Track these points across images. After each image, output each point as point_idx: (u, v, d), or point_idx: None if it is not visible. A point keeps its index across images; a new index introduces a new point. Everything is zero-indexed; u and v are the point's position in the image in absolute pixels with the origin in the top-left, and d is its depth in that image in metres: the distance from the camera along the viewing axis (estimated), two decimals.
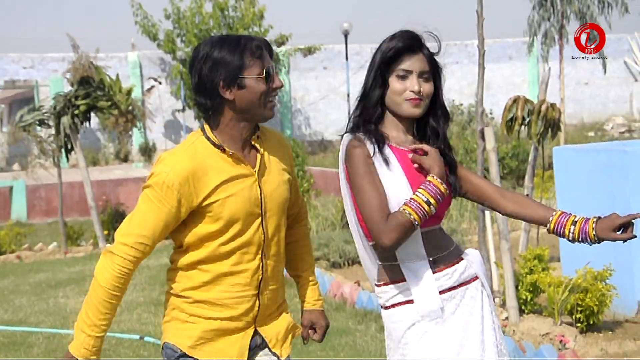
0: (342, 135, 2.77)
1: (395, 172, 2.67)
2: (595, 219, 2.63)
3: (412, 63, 2.69)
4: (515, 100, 7.19)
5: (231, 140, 2.70)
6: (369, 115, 2.73)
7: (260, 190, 2.72)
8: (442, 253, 2.73)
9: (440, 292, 2.69)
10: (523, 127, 7.22)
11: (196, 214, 2.67)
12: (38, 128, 12.28)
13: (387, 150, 2.70)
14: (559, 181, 7.20)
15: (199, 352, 2.71)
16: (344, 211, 2.85)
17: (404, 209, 2.56)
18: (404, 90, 2.68)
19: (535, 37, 20.85)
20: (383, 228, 2.57)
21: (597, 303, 5.71)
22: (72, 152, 11.53)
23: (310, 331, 3.03)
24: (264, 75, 2.65)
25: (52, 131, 11.59)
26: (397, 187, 2.65)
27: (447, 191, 2.65)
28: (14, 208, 16.38)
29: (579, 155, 7.22)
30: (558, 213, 2.69)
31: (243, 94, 2.65)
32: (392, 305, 2.73)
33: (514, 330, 5.84)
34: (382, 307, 2.79)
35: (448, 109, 2.83)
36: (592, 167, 6.70)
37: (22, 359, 6.07)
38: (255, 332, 2.78)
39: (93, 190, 11.64)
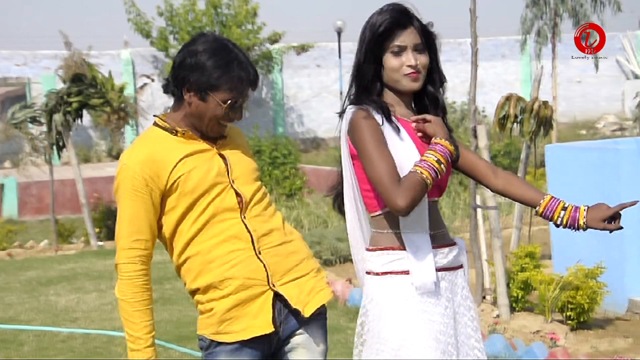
0: (343, 111, 2.73)
1: (406, 141, 2.65)
2: (585, 208, 2.63)
3: (405, 37, 2.67)
4: (508, 98, 7.20)
5: (190, 126, 2.78)
6: (368, 90, 2.72)
7: (225, 160, 2.76)
8: (440, 230, 2.71)
9: (437, 270, 2.65)
10: (516, 124, 7.23)
11: (166, 199, 2.70)
12: (30, 125, 12.23)
13: (395, 120, 2.68)
14: (551, 179, 7.21)
15: (225, 335, 2.71)
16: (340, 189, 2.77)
17: (414, 169, 2.54)
18: (401, 66, 2.66)
19: (528, 36, 20.88)
20: (396, 190, 2.51)
21: (588, 301, 5.72)
22: (64, 150, 11.51)
23: None
24: (227, 106, 2.70)
25: (44, 128, 11.56)
26: (409, 156, 2.62)
27: (456, 151, 2.64)
28: (5, 205, 16.33)
29: (572, 153, 7.23)
30: (548, 197, 2.67)
31: (199, 105, 2.72)
32: (386, 273, 2.65)
33: (505, 328, 5.84)
34: (370, 273, 2.69)
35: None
36: (584, 165, 6.72)
37: (13, 358, 6.04)
38: (276, 296, 2.71)
39: (85, 187, 11.61)
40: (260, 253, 2.71)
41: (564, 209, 2.63)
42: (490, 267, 6.43)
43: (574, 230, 2.65)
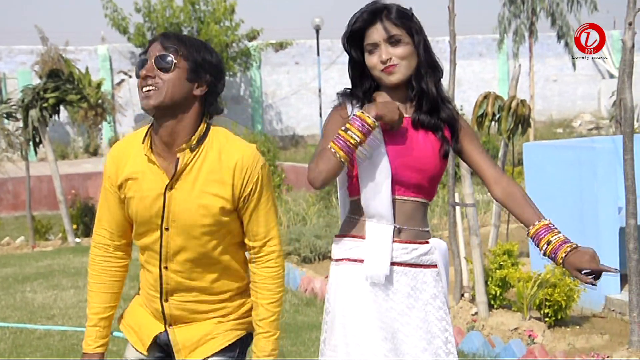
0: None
1: (378, 128, 2.67)
2: (570, 248, 2.54)
3: (373, 34, 2.70)
4: (486, 96, 7.24)
5: (155, 141, 2.64)
6: (355, 87, 2.79)
7: (165, 204, 2.60)
8: (410, 227, 2.72)
9: (394, 264, 2.68)
10: (493, 123, 7.27)
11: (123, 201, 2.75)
12: (5, 121, 12.12)
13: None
14: (528, 177, 7.26)
15: (122, 324, 2.87)
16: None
17: (330, 144, 2.61)
18: (377, 62, 2.71)
19: (505, 34, 20.98)
20: (311, 166, 2.62)
21: (565, 298, 5.76)
22: (41, 146, 11.41)
23: None
24: (137, 66, 2.62)
25: (20, 124, 11.46)
26: (374, 146, 2.67)
27: (375, 123, 2.61)
28: None
29: (549, 151, 7.28)
30: (541, 224, 2.63)
31: None
32: (342, 259, 2.73)
33: (483, 325, 5.88)
34: (332, 261, 2.78)
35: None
36: (561, 163, 6.76)
37: None
38: (165, 331, 2.76)
39: (62, 184, 11.53)
40: (167, 301, 2.72)
41: (548, 242, 2.58)
42: (468, 265, 6.46)
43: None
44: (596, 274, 2.52)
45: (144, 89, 2.55)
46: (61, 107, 11.53)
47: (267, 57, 25.95)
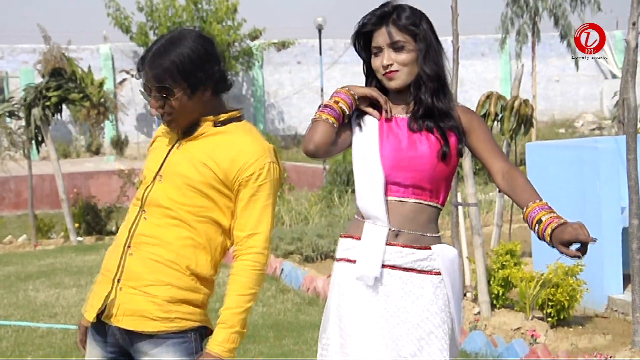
0: None
1: (368, 131, 2.72)
2: (557, 224, 2.48)
3: (379, 38, 2.72)
4: (489, 96, 7.24)
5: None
6: (368, 85, 2.84)
7: (167, 156, 2.75)
8: (409, 230, 2.69)
9: (387, 266, 2.67)
10: (496, 122, 7.27)
11: None
12: (8, 119, 12.13)
13: (371, 113, 2.75)
14: (531, 177, 7.24)
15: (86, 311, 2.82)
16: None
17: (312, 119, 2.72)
18: (379, 66, 2.73)
19: (507, 34, 20.97)
20: (304, 139, 2.71)
21: (567, 298, 5.76)
22: (43, 144, 11.42)
23: None
24: (144, 93, 2.77)
25: (23, 123, 11.47)
26: (364, 143, 2.72)
27: (354, 96, 2.71)
28: None
29: (551, 151, 7.27)
30: (535, 204, 2.58)
31: None
32: (341, 259, 2.77)
33: (485, 325, 5.87)
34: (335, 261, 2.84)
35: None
36: (564, 163, 6.76)
37: None
38: (112, 289, 2.68)
39: (64, 182, 11.53)
40: (129, 247, 2.68)
41: (539, 221, 2.53)
42: (470, 265, 6.46)
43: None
44: (583, 246, 2.46)
45: (162, 116, 2.73)
46: (63, 106, 11.54)
47: (269, 56, 25.96)
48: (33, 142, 11.28)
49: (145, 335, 2.66)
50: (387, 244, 2.68)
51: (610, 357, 5.02)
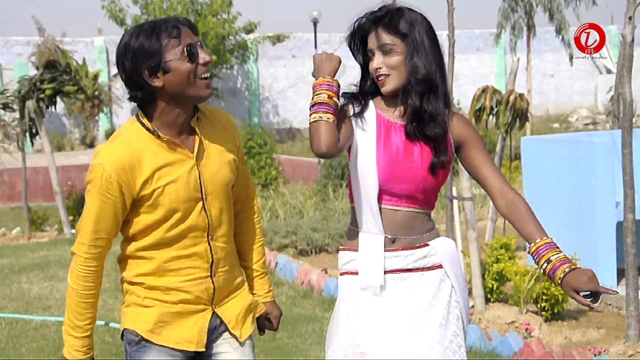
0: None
1: (365, 137, 2.67)
2: (568, 269, 2.50)
3: (370, 41, 2.69)
4: (484, 90, 7.23)
5: (167, 127, 2.64)
6: (362, 87, 2.78)
7: (200, 174, 2.67)
8: (405, 236, 2.69)
9: (390, 272, 2.67)
10: (491, 117, 7.27)
11: (138, 204, 2.64)
12: (2, 112, 12.09)
13: (371, 115, 2.69)
14: (526, 172, 7.26)
15: (157, 336, 2.69)
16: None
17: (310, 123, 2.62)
18: (372, 69, 2.70)
19: (503, 29, 20.97)
20: (310, 139, 2.62)
21: (561, 292, 5.77)
22: (37, 137, 11.39)
23: (265, 322, 3.00)
24: (186, 53, 2.56)
25: (17, 115, 11.43)
26: (364, 147, 2.66)
27: (337, 82, 2.62)
28: None
29: (547, 146, 7.28)
30: (543, 242, 2.58)
31: (170, 78, 2.57)
32: (344, 273, 2.77)
33: (480, 319, 5.88)
34: (339, 274, 2.83)
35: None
36: (559, 157, 6.76)
37: None
38: (214, 314, 2.75)
39: (58, 175, 11.50)
40: (214, 275, 2.72)
41: (548, 261, 2.54)
42: (465, 259, 6.46)
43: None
44: (594, 296, 2.50)
45: (204, 77, 2.63)
46: (58, 99, 11.51)
47: (264, 50, 25.92)
48: (27, 134, 11.24)
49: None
50: (385, 250, 2.68)
51: (604, 350, 5.03)
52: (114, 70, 24.88)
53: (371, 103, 2.73)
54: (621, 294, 5.87)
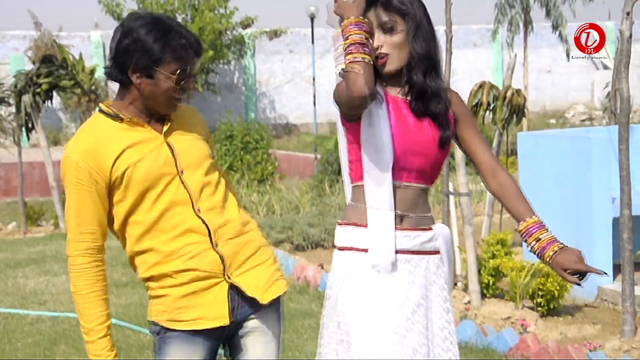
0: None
1: (380, 108, 2.62)
2: (558, 248, 2.59)
3: (371, 18, 2.64)
4: (481, 86, 7.23)
5: (137, 112, 2.69)
6: None
7: (171, 149, 2.67)
8: (413, 214, 2.68)
9: (398, 252, 2.64)
10: (488, 112, 7.26)
11: (114, 192, 2.64)
12: None
13: (378, 91, 2.63)
14: (522, 167, 7.26)
15: (177, 323, 2.68)
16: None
17: (347, 66, 2.48)
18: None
19: (500, 24, 20.95)
20: (347, 85, 2.48)
21: (557, 288, 5.77)
22: (33, 132, 11.36)
23: None
24: (176, 76, 2.61)
25: (13, 110, 11.40)
26: (378, 121, 2.61)
27: (354, 19, 2.51)
28: None
29: (543, 141, 7.28)
30: (532, 221, 2.65)
31: (149, 85, 2.62)
32: (346, 248, 2.68)
33: (475, 314, 5.88)
34: (335, 247, 2.73)
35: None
36: (555, 153, 6.76)
37: None
38: (232, 286, 2.69)
39: (54, 170, 11.48)
40: (217, 245, 2.67)
41: (537, 240, 2.62)
42: (461, 254, 6.46)
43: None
44: (582, 274, 2.58)
45: (177, 99, 2.69)
46: (54, 93, 11.48)
47: (261, 45, 25.87)
48: (23, 129, 11.21)
49: None
50: (395, 229, 2.65)
51: (600, 346, 5.03)
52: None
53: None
54: (617, 289, 5.88)
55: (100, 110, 2.71)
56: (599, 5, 27.74)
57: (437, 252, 2.75)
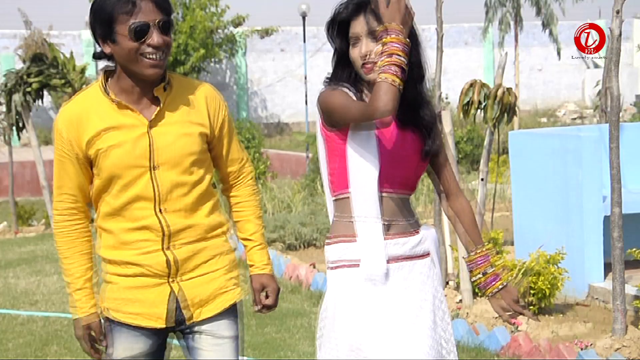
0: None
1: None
2: (499, 287, 2.75)
3: (356, 26, 2.61)
4: (472, 85, 7.22)
5: (125, 92, 2.63)
6: (338, 76, 2.69)
7: (151, 142, 2.61)
8: (399, 221, 2.68)
9: (388, 261, 2.63)
10: (479, 111, 7.26)
11: (93, 164, 2.66)
12: None
13: (366, 100, 2.62)
14: (513, 166, 7.27)
15: (121, 314, 2.70)
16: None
17: (380, 77, 2.43)
18: (357, 57, 2.62)
19: (490, 23, 21.00)
20: (371, 103, 2.45)
21: (549, 286, 5.78)
22: (24, 131, 11.32)
23: (262, 296, 2.92)
24: (132, 32, 2.51)
25: (3, 109, 11.36)
26: (363, 132, 2.60)
27: (407, 41, 2.47)
28: None
29: (534, 140, 7.29)
30: (479, 252, 2.76)
31: (116, 50, 2.57)
32: (337, 266, 2.67)
33: (467, 313, 5.89)
34: (329, 269, 2.72)
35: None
36: (546, 152, 6.77)
37: None
38: (175, 290, 2.67)
39: (45, 169, 11.44)
40: (169, 248, 2.65)
41: (483, 274, 2.75)
42: (453, 253, 6.47)
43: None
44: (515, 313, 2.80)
45: (149, 57, 2.55)
46: (45, 92, 11.44)
47: (252, 43, 25.87)
48: (14, 128, 11.17)
49: None
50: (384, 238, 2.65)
51: (591, 344, 5.04)
52: (101, 63, 24.78)
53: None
54: (608, 288, 5.90)
55: (98, 79, 2.69)
56: (588, 4, 27.82)
57: (427, 254, 2.75)
